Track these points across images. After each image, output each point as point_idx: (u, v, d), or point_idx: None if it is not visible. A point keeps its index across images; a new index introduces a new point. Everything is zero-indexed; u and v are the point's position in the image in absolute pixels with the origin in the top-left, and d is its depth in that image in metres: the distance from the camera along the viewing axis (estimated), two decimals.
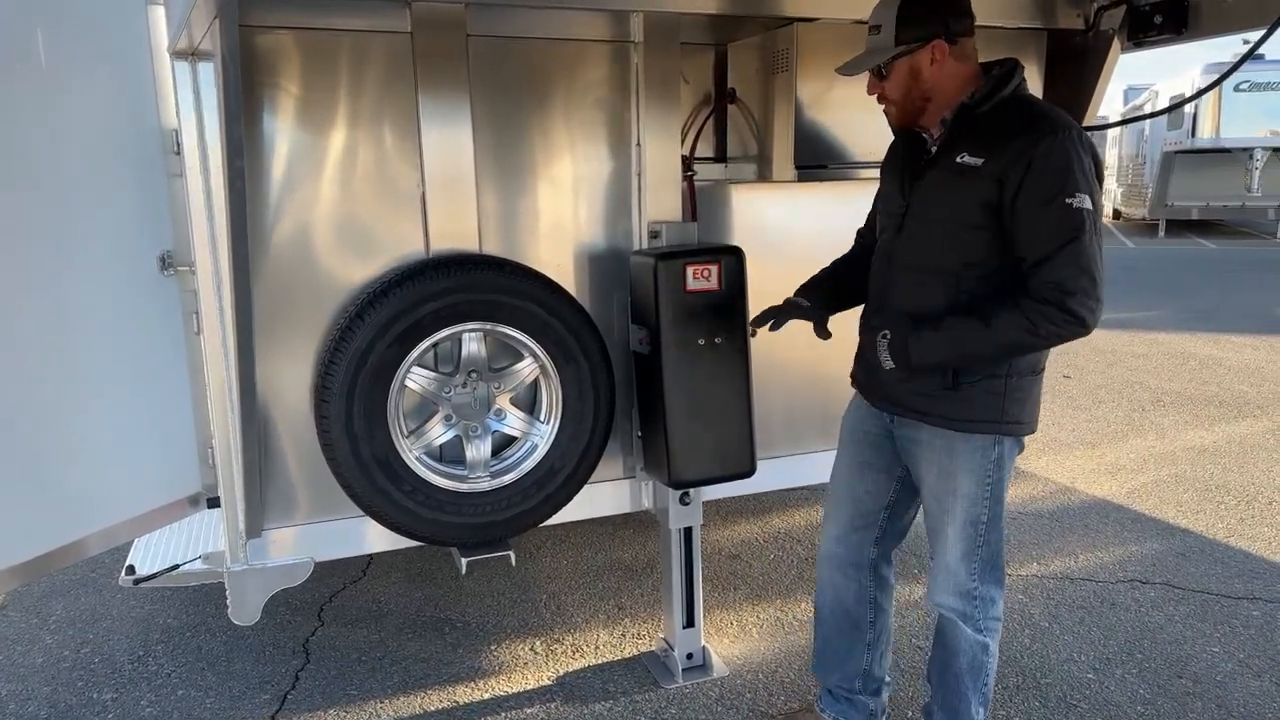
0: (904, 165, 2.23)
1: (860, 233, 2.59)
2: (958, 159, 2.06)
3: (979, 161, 2.02)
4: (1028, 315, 1.96)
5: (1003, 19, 2.81)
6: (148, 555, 3.24)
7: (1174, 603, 3.50)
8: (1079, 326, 1.95)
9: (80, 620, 3.50)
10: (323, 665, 3.16)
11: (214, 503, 2.98)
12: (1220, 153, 16.30)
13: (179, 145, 2.64)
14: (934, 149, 2.15)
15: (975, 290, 2.07)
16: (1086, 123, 2.93)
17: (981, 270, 2.07)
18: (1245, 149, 16.21)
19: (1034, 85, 2.98)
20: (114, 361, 2.79)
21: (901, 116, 2.16)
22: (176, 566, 3.13)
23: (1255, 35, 2.60)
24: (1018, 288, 2.00)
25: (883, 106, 2.19)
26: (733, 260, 2.68)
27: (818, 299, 2.49)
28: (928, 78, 2.08)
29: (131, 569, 3.13)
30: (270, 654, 3.23)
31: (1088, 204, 1.93)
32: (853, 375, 2.46)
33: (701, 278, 2.65)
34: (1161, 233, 17.88)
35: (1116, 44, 2.76)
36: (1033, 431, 2.20)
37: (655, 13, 2.67)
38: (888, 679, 2.62)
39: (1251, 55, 2.70)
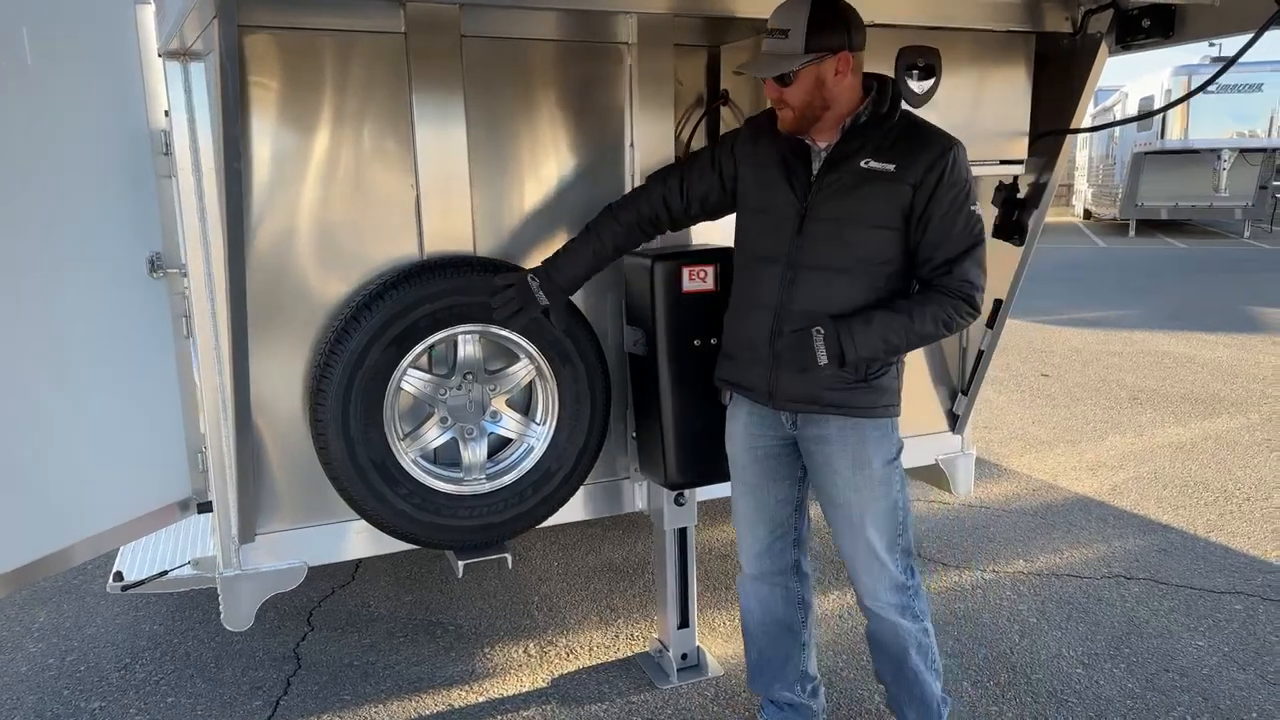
0: (792, 167, 2.23)
1: (641, 207, 2.48)
2: (862, 164, 2.15)
3: (890, 167, 2.13)
4: (944, 309, 2.14)
5: (991, 23, 2.83)
6: (135, 561, 3.21)
7: (1159, 598, 3.56)
8: (974, 318, 2.19)
9: (65, 628, 3.45)
10: (314, 671, 3.13)
11: (204, 508, 2.95)
12: (1189, 154, 16.58)
13: (168, 146, 2.62)
14: (824, 154, 2.20)
15: (883, 287, 2.20)
16: (1074, 126, 2.96)
17: (893, 267, 2.20)
18: (1213, 150, 16.50)
19: (1023, 89, 3.01)
20: (102, 364, 2.76)
21: (799, 123, 2.17)
22: (165, 572, 3.10)
23: (1222, 40, 2.64)
24: (925, 284, 2.18)
25: (779, 110, 2.19)
26: (728, 261, 2.68)
27: (568, 282, 2.47)
28: (830, 87, 2.12)
29: (120, 575, 3.10)
30: (260, 660, 3.20)
31: (980, 211, 2.17)
32: (729, 382, 2.43)
33: (697, 279, 2.66)
34: (1132, 232, 18.13)
35: (1104, 47, 2.79)
36: None
37: (649, 14, 2.67)
38: (819, 677, 2.68)
39: (1235, 62, 2.74)
